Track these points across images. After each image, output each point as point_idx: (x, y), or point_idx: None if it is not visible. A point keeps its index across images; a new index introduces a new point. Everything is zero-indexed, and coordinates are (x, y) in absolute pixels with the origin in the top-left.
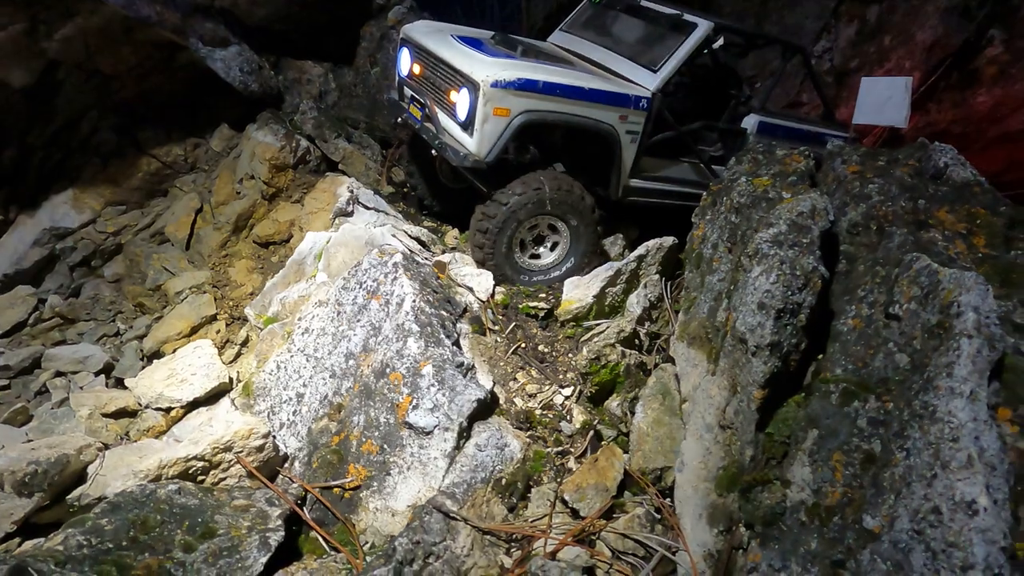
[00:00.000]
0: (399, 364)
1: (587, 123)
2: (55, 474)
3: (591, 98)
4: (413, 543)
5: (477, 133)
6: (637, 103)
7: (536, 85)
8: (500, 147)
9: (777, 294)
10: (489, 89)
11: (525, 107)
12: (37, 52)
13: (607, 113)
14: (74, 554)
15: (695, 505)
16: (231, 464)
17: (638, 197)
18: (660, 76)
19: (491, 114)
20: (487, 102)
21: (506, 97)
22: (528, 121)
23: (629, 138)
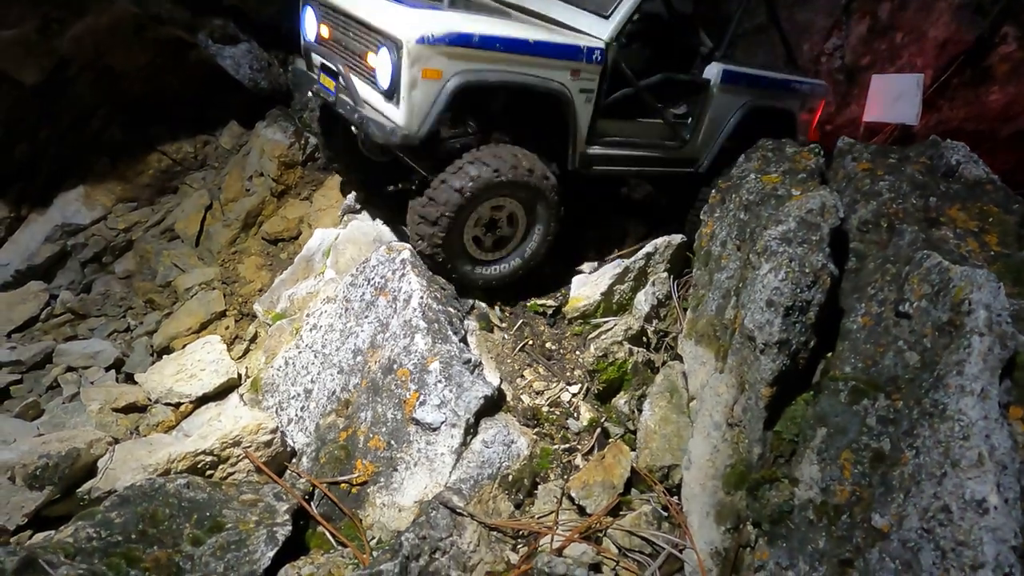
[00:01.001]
0: (406, 360)
1: (534, 82)
2: (65, 467)
3: (537, 52)
4: (419, 538)
5: (404, 102)
6: (590, 55)
7: (471, 39)
8: (433, 118)
9: (786, 291)
10: (414, 47)
11: (460, 67)
12: (48, 50)
13: (557, 70)
14: (84, 546)
15: (702, 503)
16: (240, 459)
17: (598, 166)
18: (613, 22)
19: (419, 78)
20: (413, 63)
21: (436, 56)
22: (464, 84)
23: (583, 98)
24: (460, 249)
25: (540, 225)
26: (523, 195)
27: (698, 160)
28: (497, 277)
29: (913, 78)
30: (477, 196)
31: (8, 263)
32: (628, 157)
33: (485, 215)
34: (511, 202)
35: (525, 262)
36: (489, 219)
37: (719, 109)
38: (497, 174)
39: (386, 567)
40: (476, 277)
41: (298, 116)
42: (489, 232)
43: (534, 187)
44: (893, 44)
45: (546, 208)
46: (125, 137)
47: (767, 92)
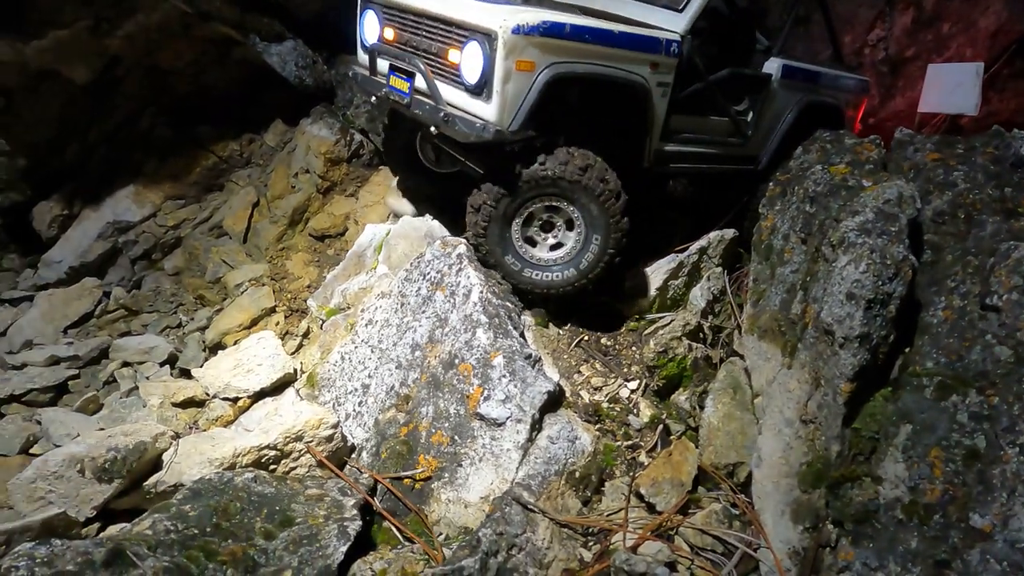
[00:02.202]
0: (468, 355)
1: (619, 75)
2: (133, 460)
3: (622, 43)
4: (497, 534)
5: (497, 96)
6: (668, 48)
7: (563, 29)
8: (526, 112)
9: (867, 284)
10: (510, 37)
11: (552, 59)
12: (99, 49)
13: (638, 63)
14: (163, 539)
15: (776, 501)
16: (302, 453)
17: (671, 164)
18: (687, 16)
19: (513, 70)
20: (508, 54)
21: (529, 47)
22: (556, 75)
23: (660, 92)
24: (506, 244)
25: (597, 235)
26: (576, 196)
27: (758, 157)
28: (547, 284)
29: (972, 67)
30: (520, 189)
31: (62, 260)
32: (698, 154)
33: (539, 213)
34: (566, 204)
35: (581, 273)
36: (545, 220)
37: (778, 105)
38: (543, 167)
39: (467, 563)
40: (524, 279)
41: (342, 113)
42: (544, 233)
43: (586, 187)
44: (940, 35)
45: (603, 214)
46: (173, 135)
47: (821, 88)
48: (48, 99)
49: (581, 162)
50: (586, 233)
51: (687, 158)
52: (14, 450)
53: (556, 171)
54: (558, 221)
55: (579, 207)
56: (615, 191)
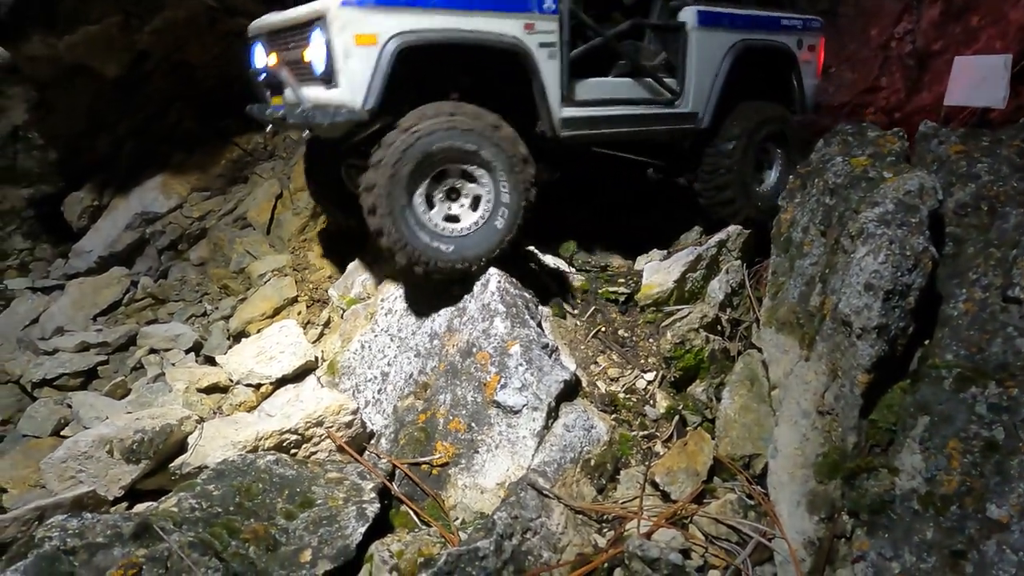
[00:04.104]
0: (486, 344)
1: (484, 39)
2: (160, 442)
3: (481, 5)
4: (512, 518)
5: (342, 76)
6: (541, 5)
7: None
8: (379, 89)
9: (886, 275)
10: (340, 11)
11: (397, 28)
12: (129, 44)
13: (507, 23)
14: (188, 516)
15: (792, 492)
16: (322, 438)
17: (580, 130)
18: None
19: (353, 45)
20: (343, 29)
21: (367, 18)
22: (404, 45)
23: (545, 53)
24: (407, 218)
25: (506, 191)
26: (470, 154)
27: (697, 114)
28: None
29: (1000, 59)
30: (409, 155)
31: (92, 250)
32: (616, 118)
33: (453, 173)
34: (471, 166)
35: (486, 245)
36: (450, 187)
37: (704, 54)
38: (449, 122)
39: (482, 544)
40: (431, 262)
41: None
42: (450, 200)
43: (480, 135)
44: (968, 27)
45: (507, 166)
46: (199, 129)
47: (756, 30)
48: (79, 93)
49: (466, 113)
50: (495, 201)
51: (603, 123)
52: (46, 432)
53: (467, 128)
54: (459, 185)
55: (482, 167)
56: (511, 138)
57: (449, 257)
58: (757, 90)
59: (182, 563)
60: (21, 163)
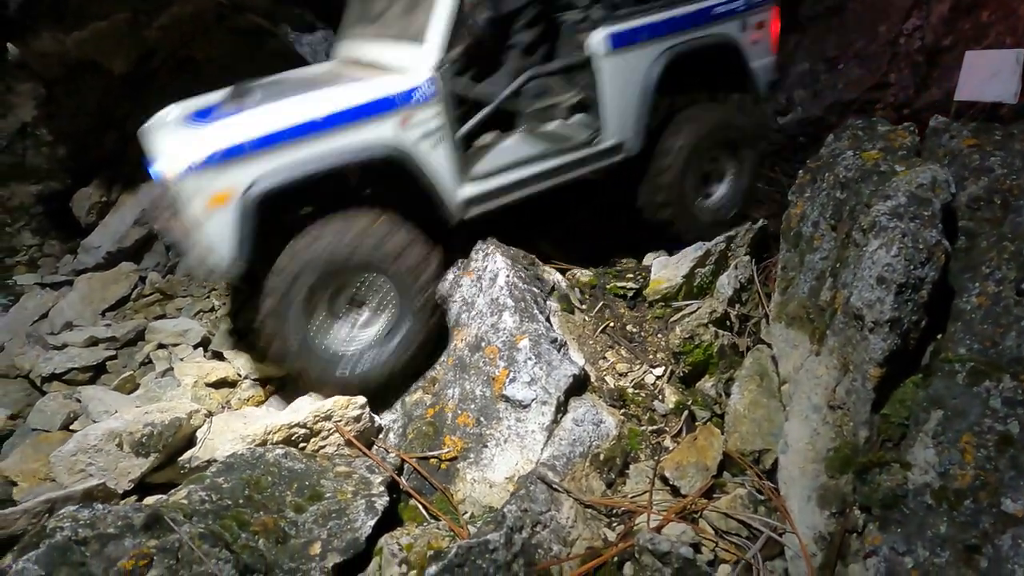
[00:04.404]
0: (495, 338)
1: (355, 157)
2: (169, 436)
3: (337, 123)
4: (522, 511)
5: (203, 239)
6: (408, 98)
7: (242, 149)
8: (246, 243)
9: (899, 268)
10: (179, 182)
11: (251, 177)
12: (137, 41)
13: (377, 128)
14: (198, 508)
15: (803, 487)
16: (330, 432)
17: (487, 204)
18: (430, 46)
19: (206, 210)
20: (189, 198)
21: (212, 180)
22: (263, 194)
23: (428, 144)
24: (306, 331)
25: (407, 311)
26: (382, 267)
27: (623, 144)
28: (341, 377)
29: (1012, 54)
30: (301, 276)
31: (100, 245)
32: (524, 180)
33: (347, 289)
34: (372, 277)
35: (391, 360)
36: (352, 296)
37: (622, 80)
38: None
39: (492, 537)
40: (331, 379)
41: None
42: (352, 311)
43: (388, 255)
44: (979, 23)
45: (400, 287)
46: None
47: (685, 31)
48: (87, 90)
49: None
50: (399, 312)
51: (513, 189)
52: (55, 426)
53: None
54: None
55: (394, 283)
56: (398, 253)
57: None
58: (702, 90)
59: (193, 554)
60: (30, 160)
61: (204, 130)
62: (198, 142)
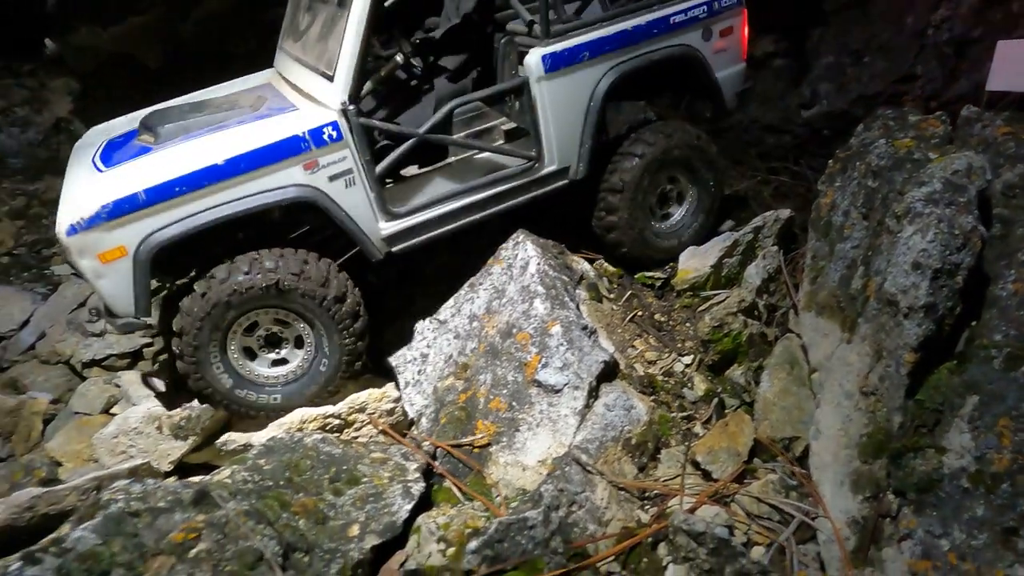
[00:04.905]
0: (526, 324)
1: (259, 204)
2: (206, 419)
3: (238, 170)
4: (558, 490)
5: (104, 293)
6: (318, 138)
7: (136, 200)
8: (143, 294)
9: (935, 253)
10: (68, 240)
11: (144, 231)
12: (171, 35)
13: (281, 175)
14: (241, 487)
15: (835, 472)
16: (364, 424)
17: (414, 239)
18: (339, 83)
19: (100, 266)
20: (81, 254)
21: (103, 237)
22: (159, 245)
23: (342, 183)
24: (215, 365)
25: (327, 349)
26: (282, 303)
27: (567, 169)
28: (267, 406)
29: None
30: (230, 305)
31: None
32: (454, 212)
33: (264, 324)
34: (288, 315)
35: (315, 390)
36: (270, 333)
37: (562, 104)
38: (249, 277)
39: (531, 514)
40: (238, 398)
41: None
42: (268, 348)
43: (287, 290)
44: (1010, 13)
45: (328, 324)
46: None
47: (636, 44)
48: (121, 84)
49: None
50: (316, 348)
51: (442, 221)
52: (96, 410)
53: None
54: (284, 336)
55: (308, 322)
56: (341, 295)
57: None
58: (658, 106)
59: (239, 530)
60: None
61: (98, 179)
62: (87, 196)
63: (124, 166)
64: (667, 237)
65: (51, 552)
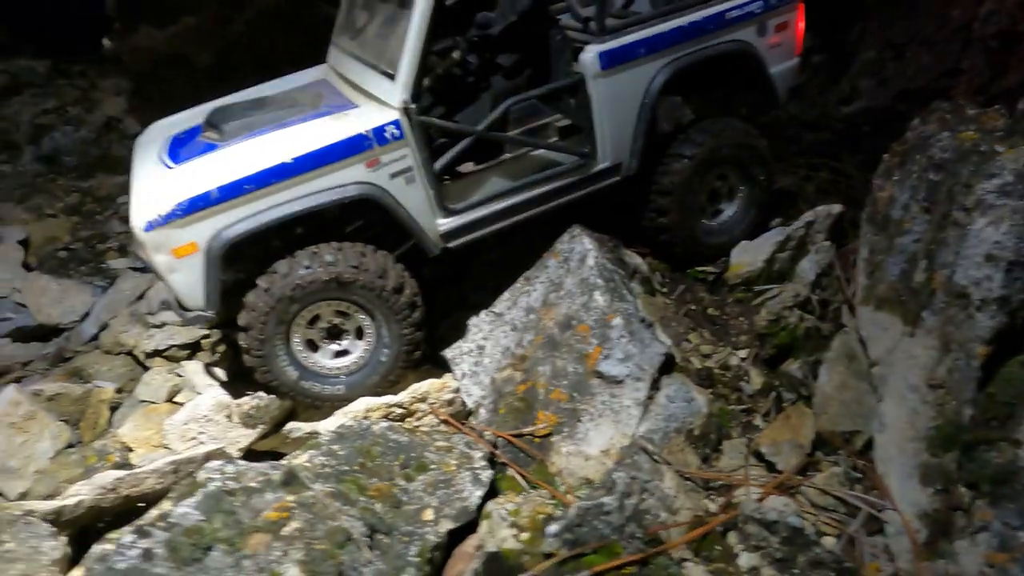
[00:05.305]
0: (586, 316)
1: (322, 202)
2: (275, 409)
3: (306, 168)
4: (630, 478)
5: (176, 288)
6: (381, 136)
7: (209, 198)
8: (214, 288)
9: (1009, 245)
10: (144, 236)
11: (215, 228)
12: (221, 35)
13: (344, 173)
14: (320, 471)
15: (902, 465)
16: (425, 414)
17: (470, 235)
18: (401, 82)
19: (174, 260)
20: (157, 250)
21: (177, 232)
22: (231, 241)
23: (402, 180)
24: (283, 357)
25: (387, 338)
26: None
27: (620, 165)
28: (332, 396)
29: None
30: (296, 294)
31: None
32: (510, 208)
33: (325, 317)
34: (349, 307)
35: (376, 380)
36: (332, 325)
37: (617, 101)
38: (311, 271)
39: (607, 500)
40: (303, 389)
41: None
42: (330, 339)
43: (369, 288)
44: None
45: (387, 315)
46: None
47: (691, 40)
48: (173, 83)
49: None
50: (376, 340)
51: (497, 218)
52: (161, 398)
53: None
54: (344, 326)
55: (370, 314)
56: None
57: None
58: (710, 102)
59: (326, 510)
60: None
61: (170, 176)
62: (162, 192)
63: (194, 163)
64: (718, 234)
65: (159, 527)
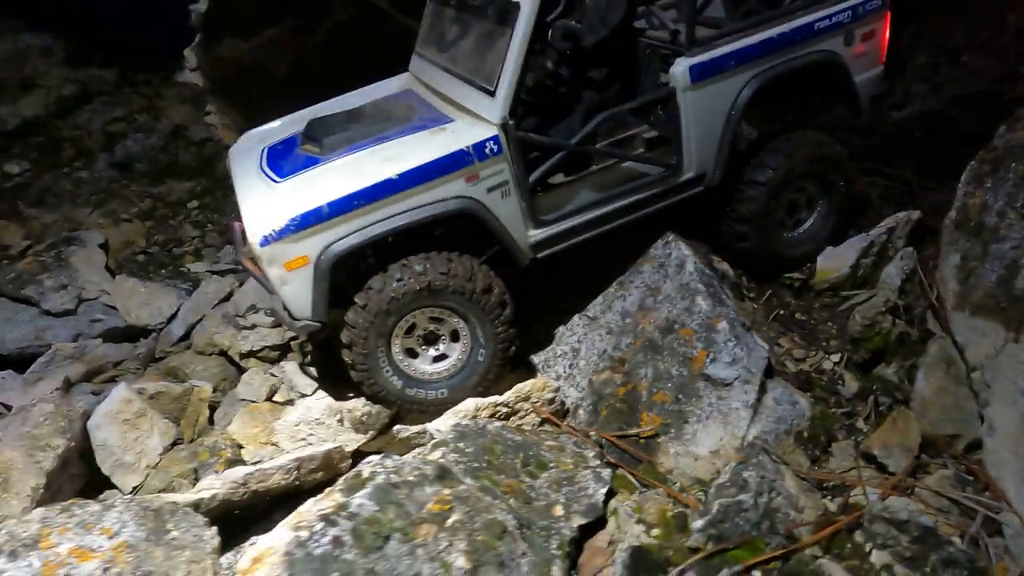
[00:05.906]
0: (689, 321)
1: (425, 216)
2: (385, 416)
3: (410, 184)
4: (760, 477)
5: (286, 300)
6: (480, 152)
7: (320, 213)
8: (322, 300)
9: None
10: (261, 250)
11: (325, 242)
12: (297, 45)
13: (445, 188)
14: (454, 468)
15: (1017, 468)
16: (527, 412)
17: (559, 245)
18: (501, 99)
19: (286, 273)
20: (271, 263)
21: (291, 246)
22: (339, 255)
23: (498, 194)
24: (385, 366)
25: (482, 339)
26: (455, 304)
27: (704, 175)
28: (436, 401)
29: None
30: (395, 304)
31: None
32: (597, 218)
33: (421, 325)
34: (444, 313)
35: (476, 380)
36: (428, 332)
37: (705, 113)
38: (403, 283)
39: (744, 498)
40: (409, 397)
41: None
42: (428, 346)
43: (463, 294)
44: None
45: (480, 316)
46: None
47: (779, 52)
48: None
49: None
50: (472, 342)
51: (585, 228)
52: (261, 397)
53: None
54: (440, 332)
55: (466, 320)
56: (489, 288)
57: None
58: (795, 113)
59: (479, 503)
60: (183, 159)
61: (279, 191)
62: (275, 208)
63: (300, 178)
64: (801, 244)
65: (343, 516)
